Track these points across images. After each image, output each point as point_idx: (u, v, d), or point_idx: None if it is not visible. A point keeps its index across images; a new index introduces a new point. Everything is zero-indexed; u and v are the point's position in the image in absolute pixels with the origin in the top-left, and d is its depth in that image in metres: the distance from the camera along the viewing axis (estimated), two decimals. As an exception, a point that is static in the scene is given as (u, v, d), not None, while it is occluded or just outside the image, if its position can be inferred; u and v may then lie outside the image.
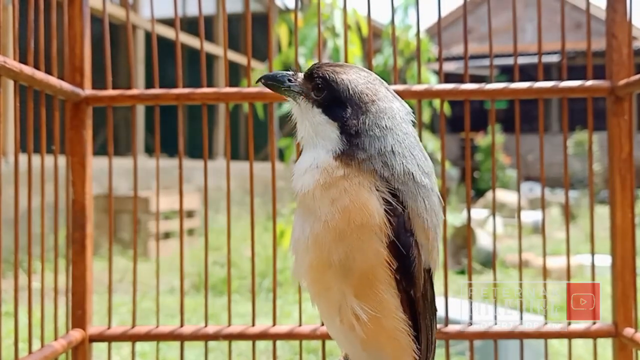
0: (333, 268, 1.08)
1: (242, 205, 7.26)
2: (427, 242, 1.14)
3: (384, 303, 1.09)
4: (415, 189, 1.12)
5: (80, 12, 1.89)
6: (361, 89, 1.16)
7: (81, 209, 1.89)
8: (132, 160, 1.93)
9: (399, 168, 1.11)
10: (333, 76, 1.16)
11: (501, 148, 13.50)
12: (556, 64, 14.87)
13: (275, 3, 11.53)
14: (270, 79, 1.27)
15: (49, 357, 1.66)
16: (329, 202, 1.08)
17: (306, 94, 1.20)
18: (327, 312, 1.15)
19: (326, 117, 1.16)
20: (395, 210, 1.08)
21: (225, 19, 1.97)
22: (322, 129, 1.15)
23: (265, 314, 3.99)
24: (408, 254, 1.10)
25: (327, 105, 1.16)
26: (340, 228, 1.07)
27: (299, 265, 1.16)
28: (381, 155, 1.11)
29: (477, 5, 16.99)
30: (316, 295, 1.15)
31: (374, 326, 1.09)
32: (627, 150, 1.85)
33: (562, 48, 1.96)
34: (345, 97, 1.15)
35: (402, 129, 1.15)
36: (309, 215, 1.11)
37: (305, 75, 1.21)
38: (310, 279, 1.13)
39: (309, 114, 1.18)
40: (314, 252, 1.10)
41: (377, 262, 1.07)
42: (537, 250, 6.51)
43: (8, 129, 6.14)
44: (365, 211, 1.07)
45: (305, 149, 1.19)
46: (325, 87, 1.17)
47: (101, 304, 3.58)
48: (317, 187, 1.10)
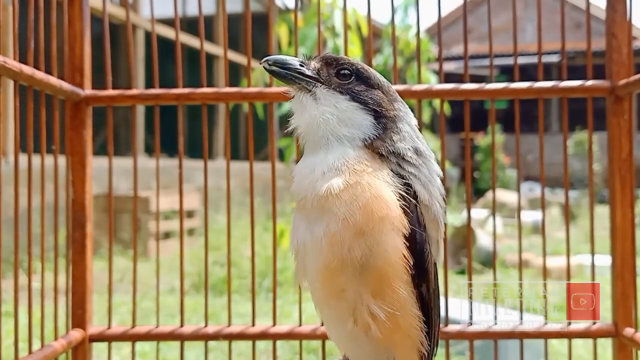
0: (351, 267, 1.03)
1: (242, 205, 7.25)
2: (437, 234, 1.12)
3: (401, 300, 1.05)
4: (426, 180, 1.11)
5: (80, 12, 1.89)
6: (384, 80, 1.14)
7: (81, 209, 1.89)
8: (132, 160, 1.93)
9: (415, 159, 1.10)
10: (359, 63, 1.12)
11: (501, 148, 13.49)
12: (556, 63, 14.87)
13: (275, 3, 11.53)
14: (279, 62, 1.12)
15: (49, 357, 1.66)
16: (349, 199, 1.03)
17: (326, 81, 1.12)
18: (338, 315, 1.09)
19: (356, 104, 1.09)
20: (410, 202, 1.06)
21: (225, 19, 1.97)
22: (350, 116, 1.09)
23: (265, 314, 3.98)
24: (423, 249, 1.07)
25: (356, 90, 1.10)
26: (361, 223, 1.02)
27: (305, 268, 1.11)
28: (404, 144, 1.09)
29: (477, 5, 16.98)
30: (326, 298, 1.09)
31: (391, 324, 1.05)
32: (627, 150, 1.85)
33: (562, 48, 1.96)
34: (375, 83, 1.11)
35: (413, 119, 1.16)
36: (322, 215, 1.05)
37: (323, 62, 1.13)
38: (321, 281, 1.07)
39: (329, 101, 1.10)
40: (330, 252, 1.04)
41: (396, 257, 1.04)
42: (537, 250, 6.51)
43: (8, 129, 6.14)
44: (385, 204, 1.03)
45: (318, 146, 1.09)
46: (353, 73, 1.11)
47: (101, 304, 3.58)
48: (345, 187, 1.03)
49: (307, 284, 1.14)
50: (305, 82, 1.11)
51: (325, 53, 1.15)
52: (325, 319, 1.17)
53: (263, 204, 7.94)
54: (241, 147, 12.24)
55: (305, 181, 1.08)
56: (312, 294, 1.15)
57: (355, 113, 1.09)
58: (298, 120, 1.14)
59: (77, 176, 1.89)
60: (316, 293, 1.11)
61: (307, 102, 1.12)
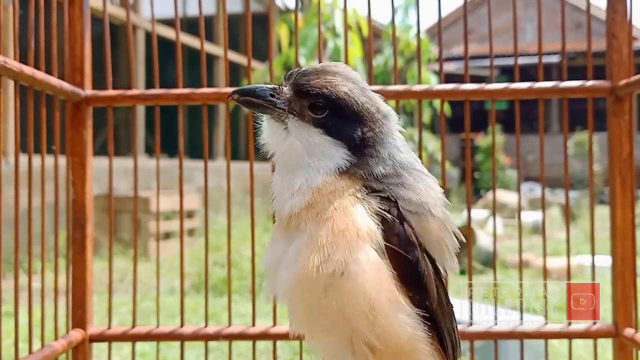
0: (324, 288, 0.97)
1: (242, 205, 7.25)
2: (438, 240, 1.07)
3: (397, 323, 0.99)
4: (411, 187, 1.06)
5: (81, 12, 1.89)
6: (363, 100, 1.07)
7: (81, 209, 1.89)
8: (132, 160, 1.93)
9: (394, 173, 1.06)
10: (333, 91, 1.05)
11: (501, 148, 13.49)
12: (556, 64, 14.86)
13: (275, 3, 11.53)
14: (247, 93, 1.08)
15: (49, 357, 1.66)
16: (312, 217, 1.01)
17: (299, 113, 1.06)
18: (335, 348, 1.03)
19: (329, 138, 1.05)
20: (389, 217, 1.02)
21: (225, 19, 1.97)
22: (321, 150, 1.05)
23: (266, 314, 3.97)
24: (416, 266, 1.02)
25: (330, 124, 1.05)
26: (325, 242, 0.98)
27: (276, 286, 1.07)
28: (384, 162, 1.06)
29: (477, 5, 16.98)
30: (315, 330, 1.04)
31: (391, 350, 0.99)
32: (627, 150, 1.85)
33: (562, 48, 1.96)
34: (350, 112, 1.06)
35: (397, 130, 1.12)
36: (294, 234, 1.03)
37: (294, 90, 1.07)
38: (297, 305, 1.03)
39: (302, 134, 1.05)
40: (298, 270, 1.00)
41: (375, 273, 0.98)
42: (537, 250, 6.50)
43: (8, 129, 6.14)
44: (349, 219, 0.99)
45: (288, 170, 1.07)
46: (326, 105, 1.05)
47: (101, 304, 3.58)
48: (307, 206, 1.02)
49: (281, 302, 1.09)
50: (277, 112, 1.07)
51: (299, 75, 1.07)
52: (319, 350, 1.09)
53: (263, 204, 7.92)
54: (241, 147, 12.24)
55: (279, 199, 1.07)
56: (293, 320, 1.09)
57: (328, 147, 1.05)
58: (268, 143, 1.11)
59: (77, 176, 1.89)
60: (303, 325, 1.06)
61: (279, 132, 1.08)
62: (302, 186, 1.04)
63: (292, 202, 1.04)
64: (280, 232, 1.08)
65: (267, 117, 1.10)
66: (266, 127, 1.11)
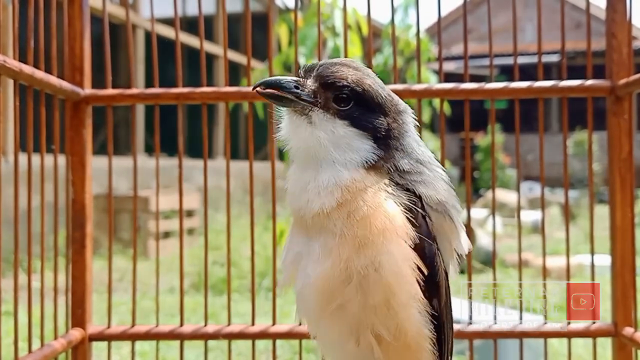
0: (352, 280, 0.98)
1: (242, 204, 7.26)
2: (449, 245, 1.08)
3: (410, 319, 1.00)
4: (431, 182, 1.08)
5: (80, 12, 1.89)
6: (386, 92, 1.08)
7: (81, 209, 1.89)
8: (132, 160, 1.93)
9: (417, 167, 1.07)
10: (360, 82, 1.05)
11: (501, 148, 13.49)
12: (556, 63, 14.86)
13: (275, 3, 11.52)
14: (272, 85, 1.05)
15: (48, 356, 1.66)
16: (345, 215, 1.00)
17: (324, 105, 1.05)
18: (338, 335, 1.03)
19: (355, 129, 1.04)
20: (417, 211, 1.02)
21: (225, 19, 1.97)
22: (347, 142, 1.04)
23: (265, 314, 3.98)
24: (433, 262, 1.03)
25: (355, 116, 1.04)
26: (361, 236, 0.98)
27: (296, 282, 1.07)
28: (408, 156, 1.07)
29: (477, 5, 16.98)
30: (322, 317, 1.04)
31: (399, 346, 0.99)
32: (627, 150, 1.85)
33: (562, 48, 1.96)
34: (376, 104, 1.06)
35: (413, 126, 1.13)
36: (320, 232, 1.02)
37: (319, 82, 1.06)
38: (317, 295, 1.02)
39: (327, 127, 1.04)
40: (328, 266, 1.00)
41: (406, 269, 0.99)
42: (536, 250, 6.50)
43: (8, 129, 6.14)
44: (384, 215, 0.99)
45: (310, 165, 1.05)
46: (351, 97, 1.04)
47: (101, 304, 3.58)
48: (339, 205, 1.01)
49: (297, 299, 1.09)
50: (301, 105, 1.05)
51: (322, 67, 1.07)
52: (320, 340, 1.10)
53: (263, 203, 7.94)
54: (241, 146, 12.24)
55: (302, 197, 1.05)
56: (302, 312, 1.09)
57: (354, 139, 1.04)
58: (289, 138, 1.10)
59: (77, 176, 1.89)
60: (312, 312, 1.06)
61: (302, 125, 1.06)
62: (329, 184, 1.02)
63: (320, 201, 1.02)
64: (301, 230, 1.06)
65: (288, 111, 1.08)
66: (287, 120, 1.09)
